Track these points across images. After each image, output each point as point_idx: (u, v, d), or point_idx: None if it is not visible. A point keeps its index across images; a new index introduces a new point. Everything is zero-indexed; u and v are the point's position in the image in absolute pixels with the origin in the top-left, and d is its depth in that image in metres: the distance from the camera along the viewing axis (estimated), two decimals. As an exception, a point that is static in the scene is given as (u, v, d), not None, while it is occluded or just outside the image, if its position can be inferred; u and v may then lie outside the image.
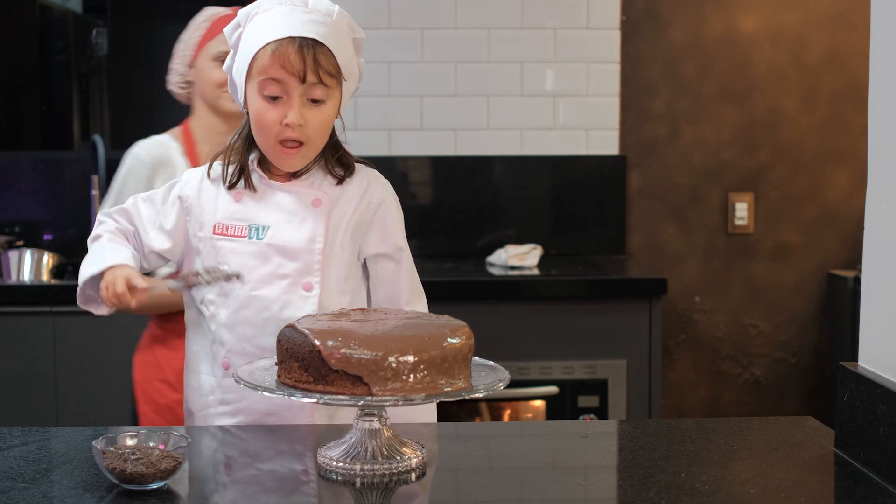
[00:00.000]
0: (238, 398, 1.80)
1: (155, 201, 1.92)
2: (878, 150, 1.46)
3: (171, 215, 1.89)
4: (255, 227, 1.83)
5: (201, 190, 1.88)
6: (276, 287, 1.80)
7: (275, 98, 1.77)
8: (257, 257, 1.81)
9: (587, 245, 3.77)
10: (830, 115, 3.82)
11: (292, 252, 1.81)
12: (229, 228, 1.84)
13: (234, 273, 1.79)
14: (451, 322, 1.50)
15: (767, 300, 3.85)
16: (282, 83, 1.76)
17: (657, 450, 1.53)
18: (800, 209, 3.84)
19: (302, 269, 1.81)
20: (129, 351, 3.12)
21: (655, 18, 3.78)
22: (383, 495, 1.36)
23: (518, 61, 3.73)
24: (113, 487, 1.36)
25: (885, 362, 1.42)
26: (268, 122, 1.78)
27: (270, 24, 1.78)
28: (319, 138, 1.82)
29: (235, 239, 1.82)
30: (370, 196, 1.87)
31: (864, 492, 1.34)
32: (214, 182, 1.88)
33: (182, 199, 1.89)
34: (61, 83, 4.32)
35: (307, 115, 1.78)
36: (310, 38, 1.75)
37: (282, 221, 1.82)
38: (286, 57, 1.75)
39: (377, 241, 1.88)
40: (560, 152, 3.76)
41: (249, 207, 1.84)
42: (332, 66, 1.77)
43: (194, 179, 1.90)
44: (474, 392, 1.43)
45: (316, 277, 1.81)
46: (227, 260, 1.82)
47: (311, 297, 1.80)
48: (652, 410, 3.21)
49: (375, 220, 1.87)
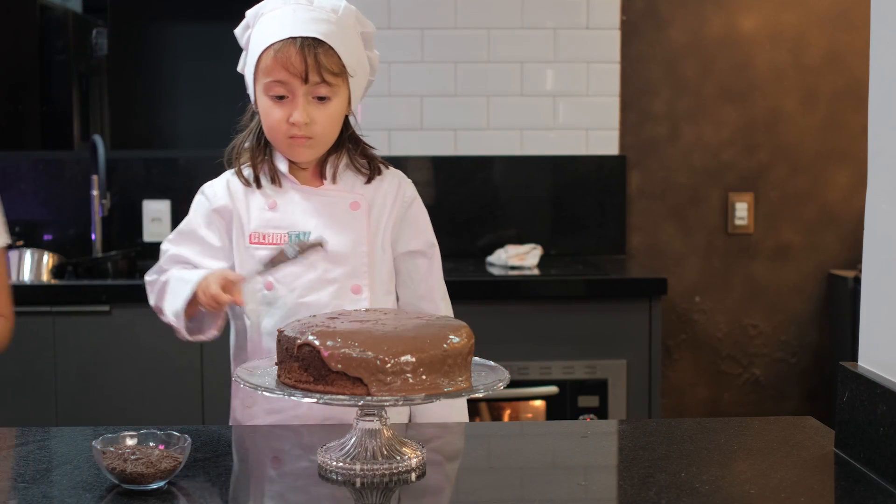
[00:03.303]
0: (293, 405, 1.78)
1: (193, 231, 1.88)
2: (878, 150, 1.46)
3: (215, 234, 1.87)
4: (295, 234, 1.82)
5: (233, 198, 1.87)
6: (325, 293, 1.80)
7: (281, 97, 1.78)
8: (301, 264, 1.79)
9: (587, 245, 3.77)
10: (830, 115, 3.82)
11: (338, 256, 1.81)
12: (266, 237, 1.83)
13: (319, 241, 1.77)
14: (451, 322, 1.50)
15: (767, 300, 3.85)
16: (286, 84, 1.77)
17: (657, 450, 1.53)
18: (800, 209, 3.84)
19: (349, 273, 1.81)
20: (129, 351, 3.12)
21: (655, 18, 3.78)
22: (383, 495, 1.36)
23: (518, 61, 3.73)
24: (113, 487, 1.36)
25: (885, 362, 1.42)
26: (275, 121, 1.79)
27: (273, 25, 1.78)
28: (328, 134, 1.82)
29: (276, 247, 1.80)
30: (403, 194, 1.89)
31: (864, 492, 1.34)
32: (243, 188, 1.87)
33: (219, 212, 1.87)
34: (61, 83, 4.31)
35: (313, 113, 1.78)
36: (311, 38, 1.76)
37: (323, 226, 1.82)
38: (288, 58, 1.75)
39: (411, 238, 1.89)
40: (560, 152, 3.76)
41: (287, 214, 1.84)
42: (335, 64, 1.77)
43: (221, 190, 1.89)
44: (474, 392, 1.43)
45: (364, 280, 1.82)
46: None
47: (361, 300, 1.81)
48: (652, 410, 3.21)
49: (408, 218, 1.89)
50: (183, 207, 3.73)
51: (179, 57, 4.25)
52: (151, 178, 3.75)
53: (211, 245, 1.86)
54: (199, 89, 4.24)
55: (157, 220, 3.74)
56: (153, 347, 3.12)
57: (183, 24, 4.28)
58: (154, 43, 4.25)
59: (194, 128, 4.31)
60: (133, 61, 4.26)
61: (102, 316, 3.11)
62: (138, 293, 3.22)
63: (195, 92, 4.25)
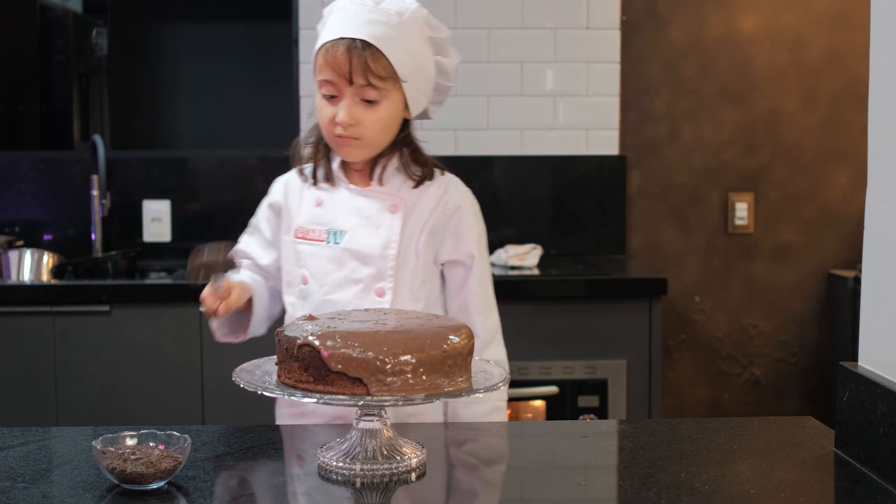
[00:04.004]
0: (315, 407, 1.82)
1: (257, 223, 1.99)
2: (878, 150, 1.46)
3: (268, 227, 1.96)
4: (333, 232, 1.85)
5: (287, 195, 1.93)
6: (350, 292, 1.82)
7: (332, 97, 1.79)
8: (333, 261, 1.83)
9: (587, 245, 3.77)
10: (830, 115, 3.82)
11: (366, 257, 1.82)
12: (309, 232, 1.87)
13: (230, 259, 1.83)
14: (451, 322, 1.50)
15: (767, 300, 3.85)
16: (334, 84, 1.78)
17: (657, 450, 1.53)
18: (800, 209, 3.84)
19: (375, 275, 1.82)
20: (129, 351, 3.12)
21: (655, 18, 3.78)
22: (383, 495, 1.36)
23: (518, 61, 3.73)
24: (113, 487, 1.36)
25: (885, 362, 1.42)
26: (324, 120, 1.82)
27: (333, 24, 1.79)
28: (377, 136, 1.82)
29: (315, 243, 1.86)
30: (446, 202, 1.89)
31: (864, 492, 1.34)
32: (300, 184, 1.91)
33: (273, 207, 1.95)
34: (61, 83, 4.32)
35: (359, 114, 1.78)
36: (360, 40, 1.75)
37: (359, 226, 1.84)
38: (335, 59, 1.76)
39: (451, 248, 1.88)
40: (560, 152, 3.76)
41: (329, 212, 1.87)
42: (383, 68, 1.76)
43: (280, 185, 1.96)
44: (474, 392, 1.43)
45: (389, 283, 1.82)
46: (306, 263, 1.86)
47: (383, 303, 1.81)
48: (652, 410, 3.21)
49: (450, 227, 1.88)
50: (183, 207, 3.75)
51: (179, 57, 4.25)
52: (151, 178, 3.75)
53: (266, 238, 1.96)
54: (199, 89, 4.24)
55: (157, 220, 3.74)
56: (153, 347, 3.12)
57: (183, 24, 4.28)
58: (154, 43, 4.25)
59: (194, 128, 4.32)
60: (133, 61, 4.26)
61: (102, 316, 3.11)
62: (138, 293, 3.24)
63: (195, 92, 4.25)
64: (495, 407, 1.90)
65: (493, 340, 1.92)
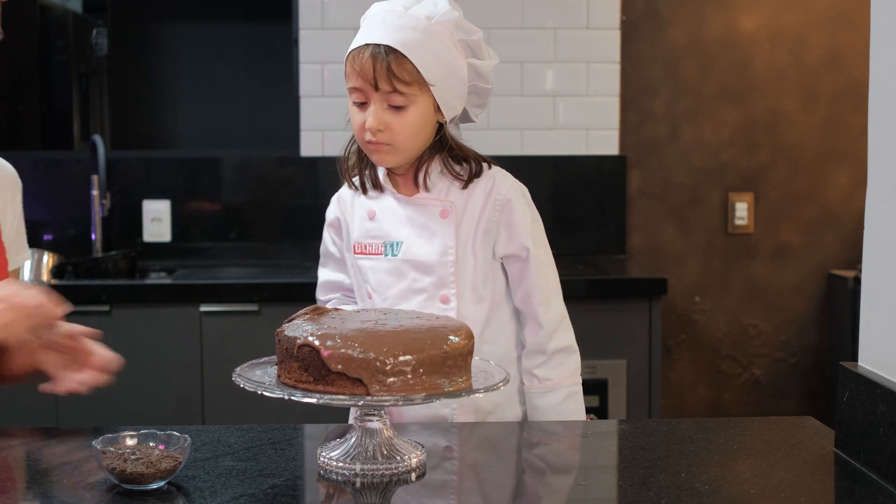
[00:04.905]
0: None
1: (326, 248, 1.98)
2: (878, 150, 1.46)
3: (336, 248, 1.95)
4: (389, 244, 1.85)
5: (343, 210, 1.93)
6: (414, 302, 1.82)
7: (363, 104, 1.79)
8: (393, 274, 1.83)
9: (587, 245, 3.77)
10: (830, 115, 3.82)
11: (426, 266, 1.82)
12: (367, 247, 1.87)
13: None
14: (451, 322, 1.50)
15: (767, 300, 3.85)
16: (362, 90, 1.78)
17: (657, 450, 1.53)
18: (800, 209, 3.84)
19: (437, 283, 1.82)
20: (129, 351, 3.11)
21: (655, 18, 3.78)
22: (383, 495, 1.36)
23: (518, 61, 3.73)
24: (113, 487, 1.36)
25: (885, 362, 1.42)
26: (355, 126, 1.82)
27: (362, 31, 1.80)
28: (408, 141, 1.81)
29: (373, 257, 1.86)
30: (495, 196, 1.87)
31: (864, 492, 1.34)
32: (351, 197, 1.91)
33: (332, 226, 1.95)
34: (61, 83, 4.31)
35: (388, 120, 1.77)
36: (384, 46, 1.75)
37: (413, 236, 1.84)
38: (361, 65, 1.76)
39: (505, 242, 1.87)
40: (560, 152, 3.76)
41: (383, 224, 1.86)
42: (408, 73, 1.75)
43: (333, 204, 1.96)
44: (474, 392, 1.43)
45: (451, 290, 1.82)
46: (367, 278, 1.86)
47: (448, 310, 1.81)
48: (652, 410, 3.21)
49: (502, 221, 1.87)
50: (183, 207, 3.75)
51: (179, 57, 4.25)
52: (151, 178, 3.75)
53: (339, 259, 1.96)
54: (199, 89, 4.24)
55: (157, 220, 3.74)
56: (153, 347, 3.12)
57: (183, 24, 4.28)
58: (154, 43, 4.25)
59: (194, 128, 4.32)
60: (133, 61, 4.26)
61: (102, 316, 3.11)
62: (138, 293, 3.24)
63: (195, 92, 4.25)
64: (570, 392, 1.88)
65: (558, 328, 1.90)
